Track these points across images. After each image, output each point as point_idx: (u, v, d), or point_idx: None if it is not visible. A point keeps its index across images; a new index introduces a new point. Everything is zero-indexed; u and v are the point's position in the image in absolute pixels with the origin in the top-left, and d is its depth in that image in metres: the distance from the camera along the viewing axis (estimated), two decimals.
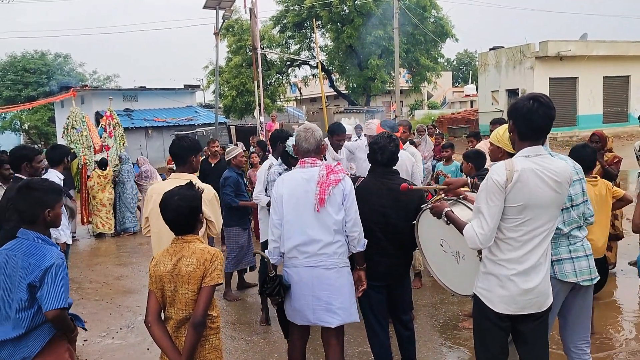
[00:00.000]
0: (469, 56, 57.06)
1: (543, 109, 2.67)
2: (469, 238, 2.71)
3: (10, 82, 37.96)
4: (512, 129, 2.80)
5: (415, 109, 38.61)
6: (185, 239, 2.81)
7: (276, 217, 3.55)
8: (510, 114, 2.79)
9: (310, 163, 3.56)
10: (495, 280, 2.75)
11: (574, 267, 3.13)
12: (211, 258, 2.74)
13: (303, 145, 3.59)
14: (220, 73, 27.69)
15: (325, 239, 3.45)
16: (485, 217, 2.65)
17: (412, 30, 26.38)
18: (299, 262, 3.50)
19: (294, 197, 3.50)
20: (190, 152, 3.83)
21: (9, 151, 5.90)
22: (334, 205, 3.45)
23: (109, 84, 42.09)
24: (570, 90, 24.37)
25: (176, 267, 2.74)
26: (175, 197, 2.79)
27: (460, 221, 2.86)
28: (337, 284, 3.49)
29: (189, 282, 2.71)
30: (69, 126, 10.84)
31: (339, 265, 3.50)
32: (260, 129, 13.35)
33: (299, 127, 3.73)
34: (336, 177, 3.46)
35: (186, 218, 2.79)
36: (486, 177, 2.71)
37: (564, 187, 2.72)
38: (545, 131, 2.73)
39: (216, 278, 2.73)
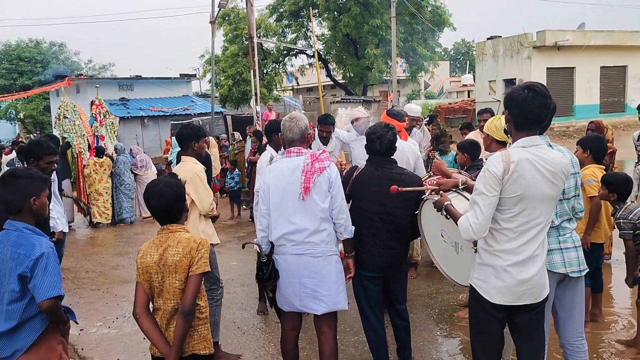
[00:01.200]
0: (467, 45, 56.93)
1: (539, 98, 2.65)
2: (463, 229, 2.71)
3: (5, 71, 37.67)
4: (508, 118, 2.78)
5: (413, 99, 38.54)
6: (170, 228, 2.81)
7: (264, 207, 3.57)
8: (506, 103, 2.77)
9: (296, 152, 3.57)
10: (491, 271, 2.75)
11: (563, 258, 3.14)
12: (197, 247, 2.74)
13: (288, 135, 3.60)
14: (217, 62, 27.53)
15: (311, 227, 3.46)
16: (480, 207, 2.64)
17: (410, 19, 26.24)
18: (286, 250, 3.53)
19: (281, 187, 3.51)
20: (190, 139, 4.34)
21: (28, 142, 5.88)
22: (319, 193, 3.46)
23: (105, 72, 41.83)
24: (567, 80, 24.34)
25: (162, 257, 2.74)
26: (160, 184, 2.81)
27: (458, 213, 2.85)
28: (324, 272, 3.50)
29: (175, 271, 2.72)
30: (60, 116, 10.81)
31: (326, 254, 3.51)
32: (257, 118, 13.30)
33: (284, 117, 3.73)
34: (321, 165, 3.47)
35: (172, 204, 2.79)
36: (483, 168, 2.70)
37: (560, 178, 2.71)
38: (541, 120, 2.71)
39: (203, 266, 2.73)
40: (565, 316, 3.31)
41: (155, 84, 25.07)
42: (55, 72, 31.84)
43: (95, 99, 11.29)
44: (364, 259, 3.76)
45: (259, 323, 5.32)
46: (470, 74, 39.80)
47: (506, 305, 2.75)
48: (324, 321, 3.61)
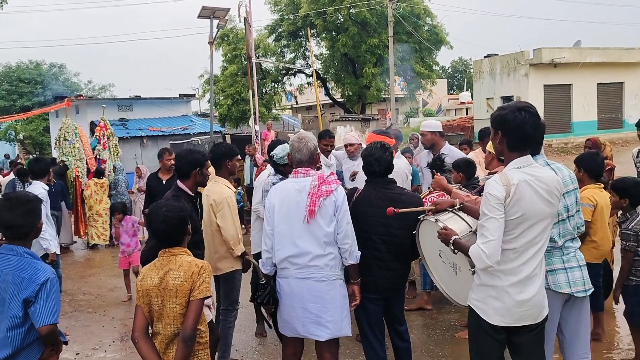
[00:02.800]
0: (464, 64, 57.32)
1: (533, 119, 2.67)
2: (475, 257, 2.66)
3: (5, 92, 37.94)
4: (500, 140, 2.77)
5: (411, 117, 38.72)
6: (172, 251, 2.78)
7: (269, 228, 3.52)
8: (498, 125, 2.76)
9: (303, 173, 3.53)
10: (491, 292, 2.72)
11: (568, 278, 3.10)
12: (199, 271, 2.70)
13: (296, 156, 3.56)
14: (216, 82, 27.67)
15: (316, 251, 3.40)
16: (490, 231, 2.62)
17: (407, 38, 26.47)
18: (290, 273, 3.47)
19: (285, 208, 3.46)
20: (224, 157, 4.41)
21: None
22: (325, 217, 3.40)
23: (104, 93, 42.13)
24: (564, 97, 24.44)
25: (163, 280, 2.70)
26: (163, 208, 2.78)
27: (466, 245, 2.80)
28: (328, 297, 3.44)
29: (176, 295, 2.68)
30: (60, 138, 10.78)
31: (330, 278, 3.45)
32: (256, 137, 13.32)
33: (293, 137, 3.70)
34: (328, 187, 3.42)
35: (174, 228, 2.76)
36: (484, 193, 2.68)
37: (555, 195, 2.72)
38: (534, 140, 2.73)
39: (205, 291, 2.69)
40: (571, 337, 3.27)
41: (155, 104, 25.06)
42: (55, 93, 31.98)
43: (100, 120, 11.24)
44: (366, 281, 3.70)
45: (257, 346, 5.24)
46: (468, 91, 40.04)
47: (506, 326, 2.72)
48: (326, 347, 3.55)
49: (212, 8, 13.95)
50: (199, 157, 3.95)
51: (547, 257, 3.05)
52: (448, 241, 2.91)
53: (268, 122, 18.89)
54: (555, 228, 3.06)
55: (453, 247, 2.88)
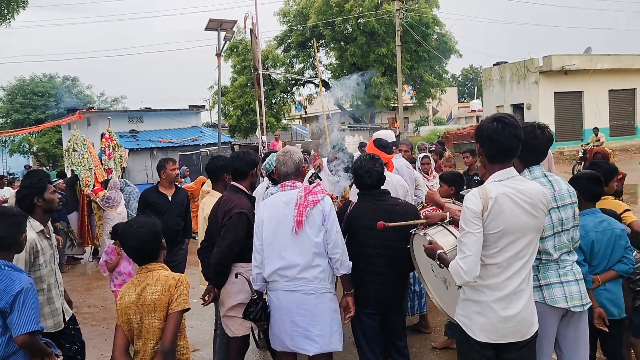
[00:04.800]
0: (474, 72, 57.18)
1: (508, 129, 2.62)
2: (454, 273, 2.62)
3: (19, 105, 38.44)
4: (480, 152, 2.74)
5: (421, 125, 38.61)
6: (148, 267, 2.79)
7: (258, 242, 3.50)
8: (476, 137, 2.74)
9: (290, 186, 3.52)
10: (475, 307, 2.68)
11: (564, 292, 3.01)
12: (176, 284, 2.71)
13: (282, 169, 3.56)
14: (225, 93, 27.89)
15: (304, 263, 3.37)
16: (467, 246, 2.58)
17: (415, 47, 26.49)
18: (279, 286, 3.44)
19: (274, 221, 3.45)
20: (223, 170, 4.41)
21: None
22: (313, 227, 3.38)
23: (117, 105, 42.48)
24: (575, 104, 24.27)
25: (141, 296, 2.70)
26: (134, 225, 2.79)
27: (448, 260, 2.76)
28: (317, 310, 3.40)
29: (155, 309, 2.67)
30: (70, 148, 10.90)
31: (319, 291, 3.41)
32: (263, 148, 13.35)
33: (278, 151, 3.71)
34: (314, 197, 3.40)
35: (148, 244, 2.76)
36: (462, 206, 2.66)
37: (540, 209, 2.67)
38: (513, 151, 2.68)
39: (182, 303, 2.69)
40: (570, 353, 3.17)
41: (165, 115, 25.31)
42: (68, 105, 32.38)
43: (106, 131, 11.38)
44: (362, 295, 3.66)
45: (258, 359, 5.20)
46: (479, 99, 39.87)
47: (492, 342, 2.66)
48: None
49: (219, 20, 14.04)
50: (255, 158, 4.12)
51: (542, 271, 3.00)
52: (433, 255, 2.88)
53: (276, 133, 18.95)
54: (550, 240, 3.00)
55: (438, 262, 2.84)
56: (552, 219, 3.00)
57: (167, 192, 5.97)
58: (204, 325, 6.16)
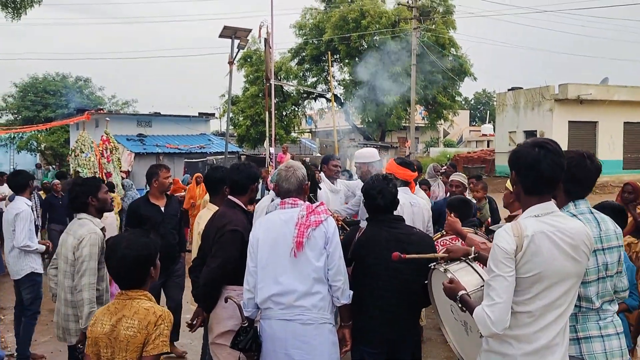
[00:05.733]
0: (487, 96, 56.98)
1: (551, 157, 2.27)
2: (480, 322, 2.24)
3: (30, 103, 38.48)
4: (516, 181, 2.38)
5: (431, 146, 38.30)
6: (129, 294, 2.39)
7: (252, 264, 3.16)
8: (512, 164, 2.38)
9: (291, 204, 3.19)
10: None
11: (604, 347, 2.59)
12: (156, 321, 2.30)
13: (284, 186, 3.24)
14: (236, 102, 27.72)
15: (302, 289, 3.04)
16: (497, 292, 2.21)
17: (430, 67, 26.27)
18: (273, 314, 3.09)
19: (270, 241, 3.11)
20: (222, 183, 4.02)
21: None
22: (314, 250, 3.05)
23: (127, 108, 42.42)
24: (589, 134, 23.88)
25: (115, 329, 2.32)
26: (123, 243, 2.40)
27: (473, 304, 2.38)
28: (315, 343, 3.05)
29: (127, 349, 2.28)
30: (77, 149, 10.70)
31: (318, 322, 3.06)
32: (270, 160, 13.04)
33: (280, 166, 3.39)
34: (317, 218, 3.08)
35: (132, 269, 2.38)
36: (492, 244, 2.30)
37: (582, 252, 2.30)
38: (554, 183, 2.32)
39: (160, 346, 2.29)
40: None
41: (174, 121, 25.15)
42: (78, 106, 32.32)
43: (104, 134, 11.17)
44: (367, 331, 3.28)
45: None
46: (491, 124, 39.56)
47: None
48: None
49: (233, 28, 13.83)
50: (255, 172, 3.82)
51: (581, 321, 2.61)
52: (454, 296, 2.50)
53: (284, 145, 18.65)
54: (594, 286, 2.61)
55: (460, 304, 2.46)
56: (597, 262, 2.61)
57: (159, 202, 5.34)
58: (195, 344, 5.79)
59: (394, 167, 4.62)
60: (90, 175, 10.45)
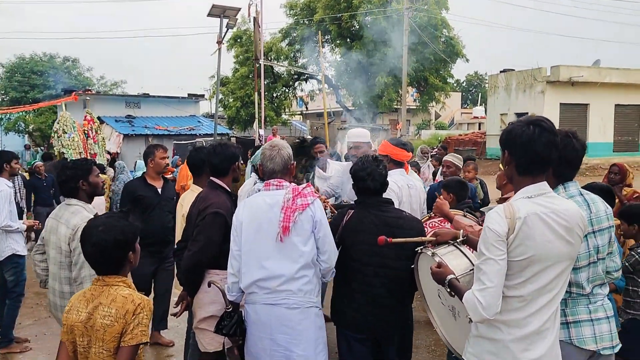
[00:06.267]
0: (479, 78, 56.84)
1: (546, 135, 2.18)
2: (470, 308, 2.16)
3: (17, 83, 37.90)
4: (509, 161, 2.28)
5: (423, 129, 38.20)
6: (106, 280, 2.27)
7: (235, 248, 3.06)
8: (505, 143, 2.28)
9: (276, 185, 3.09)
10: (488, 346, 2.23)
11: (594, 332, 2.53)
12: (135, 309, 2.19)
13: (268, 165, 3.12)
14: (226, 84, 27.42)
15: (288, 273, 2.96)
16: (488, 276, 2.12)
17: (422, 49, 26.05)
18: (258, 299, 3.01)
19: (255, 225, 3.02)
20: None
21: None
22: (301, 235, 2.97)
23: (116, 89, 41.89)
24: (580, 116, 23.89)
25: (91, 317, 2.21)
26: (99, 226, 2.27)
27: (462, 289, 2.30)
28: (300, 327, 2.98)
29: (103, 338, 2.17)
30: (59, 130, 10.50)
31: (303, 306, 2.99)
32: (259, 142, 12.91)
33: (265, 145, 3.28)
34: (304, 201, 2.99)
35: (108, 254, 2.25)
36: (484, 226, 2.21)
37: (576, 234, 2.22)
38: (548, 162, 2.22)
39: (139, 336, 2.17)
40: None
41: (163, 102, 24.82)
42: (66, 86, 31.86)
43: (86, 113, 10.96)
44: (354, 319, 3.21)
45: None
46: (482, 106, 39.50)
47: None
48: None
49: (222, 7, 13.58)
50: (234, 151, 3.65)
51: (571, 305, 2.54)
52: (443, 281, 2.41)
53: (274, 127, 18.49)
54: (585, 272, 2.54)
55: (448, 289, 2.38)
56: (589, 246, 2.54)
57: (156, 184, 5.21)
58: (182, 327, 5.72)
59: (389, 148, 4.48)
60: (76, 155, 10.27)
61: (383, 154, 4.40)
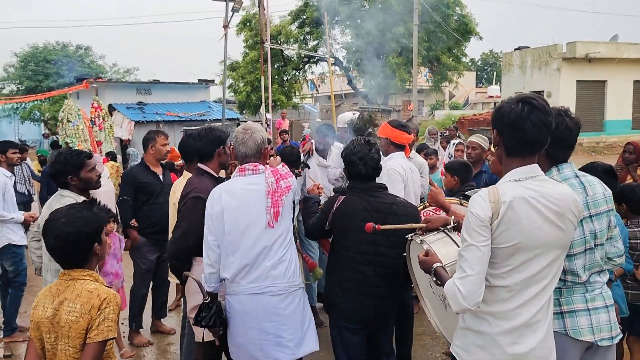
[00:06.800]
0: (494, 56, 55.85)
1: (537, 114, 2.03)
2: (451, 297, 2.04)
3: (31, 73, 38.19)
4: (498, 141, 2.14)
5: (436, 109, 37.73)
6: (72, 274, 2.19)
7: (212, 237, 2.97)
8: (494, 122, 2.14)
9: (252, 170, 3.00)
10: (475, 339, 2.11)
11: (591, 322, 2.38)
12: (100, 304, 2.10)
13: (241, 149, 3.05)
14: (236, 68, 27.24)
15: (271, 260, 2.91)
16: (469, 263, 2.00)
17: (434, 27, 25.58)
18: (240, 289, 2.94)
19: (237, 212, 2.93)
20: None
21: None
22: (286, 217, 2.96)
23: (129, 76, 42.01)
24: (598, 93, 23.36)
25: (57, 313, 2.13)
26: (61, 218, 2.17)
27: (446, 277, 2.18)
28: (287, 313, 2.94)
29: (69, 335, 2.10)
30: (64, 119, 10.46)
31: (287, 290, 2.94)
32: (267, 126, 12.76)
33: (238, 128, 3.16)
34: (286, 182, 2.98)
35: (72, 247, 2.16)
36: (467, 211, 2.08)
37: (568, 220, 2.07)
38: (540, 144, 2.08)
39: (105, 331, 2.10)
40: None
41: (173, 88, 24.75)
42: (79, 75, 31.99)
43: (93, 101, 10.89)
44: (346, 308, 3.13)
45: None
46: (497, 85, 38.82)
47: None
48: None
49: None
50: (219, 134, 3.52)
51: (565, 294, 2.41)
52: (429, 269, 2.29)
53: (283, 111, 18.33)
54: (580, 259, 2.39)
55: (434, 278, 2.26)
56: (584, 232, 2.39)
57: (157, 170, 5.11)
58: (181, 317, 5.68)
59: (388, 130, 4.32)
60: (81, 144, 10.23)
61: (383, 137, 4.28)
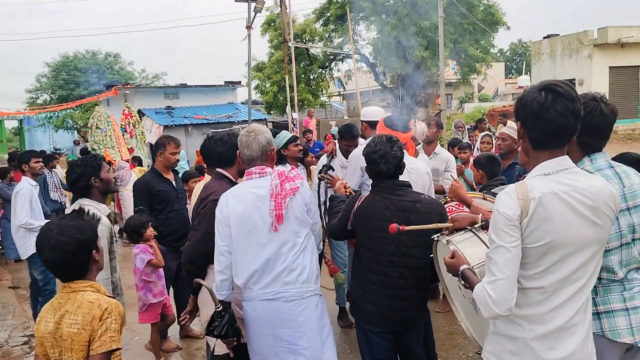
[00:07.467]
0: (523, 46, 54.76)
1: (562, 102, 1.89)
2: (481, 303, 1.93)
3: (63, 82, 39.15)
4: (522, 134, 2.01)
5: (465, 102, 37.19)
6: (72, 287, 2.16)
7: (222, 244, 2.92)
8: (517, 113, 2.01)
9: (259, 173, 2.94)
10: (508, 345, 1.99)
11: (630, 322, 2.24)
12: (101, 314, 2.07)
13: (245, 153, 2.98)
14: (262, 69, 27.31)
15: (283, 265, 2.83)
16: (499, 266, 1.89)
17: (460, 19, 25.16)
18: (254, 295, 2.88)
19: (243, 217, 2.87)
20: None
21: None
22: (294, 221, 2.87)
23: (157, 82, 42.65)
24: (632, 79, 22.66)
25: (59, 326, 2.10)
26: (54, 230, 2.14)
27: (474, 280, 2.07)
28: (301, 319, 2.86)
29: (72, 348, 2.07)
30: (93, 126, 10.67)
31: (302, 296, 2.87)
32: (293, 125, 12.76)
33: (242, 131, 3.10)
34: (292, 185, 2.87)
35: (70, 258, 2.12)
36: (493, 210, 1.98)
37: (604, 214, 1.93)
38: (568, 133, 1.93)
39: (109, 343, 2.06)
40: None
41: (200, 91, 25.01)
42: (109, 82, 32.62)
43: (125, 108, 11.07)
44: (370, 311, 3.05)
45: None
46: (527, 75, 38.02)
47: None
48: None
49: None
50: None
51: (601, 294, 2.28)
52: (456, 272, 2.18)
53: (310, 110, 18.29)
54: (616, 254, 2.26)
55: (462, 281, 2.15)
56: (620, 225, 2.25)
57: (169, 177, 5.04)
58: None
59: (381, 129, 4.17)
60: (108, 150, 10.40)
61: None
